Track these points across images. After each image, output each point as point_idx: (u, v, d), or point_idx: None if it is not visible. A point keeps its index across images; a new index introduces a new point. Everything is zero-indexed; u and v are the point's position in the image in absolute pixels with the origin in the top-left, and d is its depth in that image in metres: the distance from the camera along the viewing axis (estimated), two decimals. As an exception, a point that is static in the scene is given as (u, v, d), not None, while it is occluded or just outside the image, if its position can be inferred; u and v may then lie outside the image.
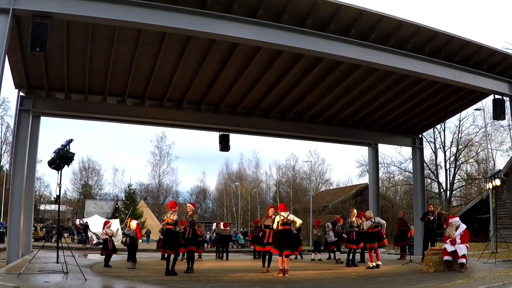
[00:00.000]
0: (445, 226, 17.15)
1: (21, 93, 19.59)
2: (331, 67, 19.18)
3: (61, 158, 13.50)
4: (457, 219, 16.49)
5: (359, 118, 25.42)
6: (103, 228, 18.18)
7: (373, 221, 18.22)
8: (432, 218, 19.24)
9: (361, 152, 72.29)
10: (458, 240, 15.50)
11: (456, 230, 15.73)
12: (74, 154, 13.66)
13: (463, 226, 15.91)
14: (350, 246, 18.67)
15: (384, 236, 18.60)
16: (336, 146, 71.61)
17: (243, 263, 22.45)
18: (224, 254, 25.09)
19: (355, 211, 18.88)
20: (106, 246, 17.74)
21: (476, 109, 41.63)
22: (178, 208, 16.28)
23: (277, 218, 15.19)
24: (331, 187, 77.99)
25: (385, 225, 20.76)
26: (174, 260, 15.04)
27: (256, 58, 17.93)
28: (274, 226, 15.34)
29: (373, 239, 17.86)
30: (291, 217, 15.29)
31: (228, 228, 27.34)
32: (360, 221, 18.37)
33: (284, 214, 15.19)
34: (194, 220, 15.62)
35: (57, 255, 13.92)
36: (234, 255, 26.85)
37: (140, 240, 19.02)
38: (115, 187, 79.39)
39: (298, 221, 15.48)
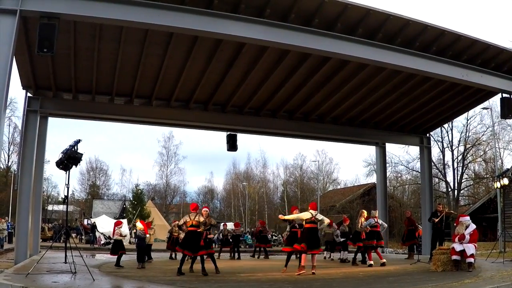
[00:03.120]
0: (455, 224, 17.12)
1: (28, 94, 19.68)
2: (338, 66, 19.17)
3: (69, 159, 13.54)
4: (468, 218, 16.45)
5: (367, 118, 25.39)
6: (114, 228, 18.17)
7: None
8: (437, 220, 19.18)
9: (369, 151, 72.37)
10: (467, 237, 15.46)
11: (465, 229, 15.70)
12: (82, 154, 13.70)
13: (473, 226, 15.88)
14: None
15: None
16: (343, 145, 71.53)
17: (250, 262, 22.43)
18: (236, 254, 25.22)
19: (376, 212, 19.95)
20: (122, 246, 17.84)
21: (484, 108, 41.47)
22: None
23: (306, 215, 15.64)
24: (339, 187, 77.97)
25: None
26: (192, 261, 15.39)
27: (263, 58, 17.94)
28: (291, 217, 16.16)
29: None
30: (320, 216, 15.83)
31: (239, 228, 27.59)
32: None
33: (313, 212, 15.67)
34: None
35: (65, 255, 13.96)
36: (242, 255, 26.81)
37: (148, 235, 18.98)
38: (123, 187, 79.32)
39: (326, 221, 16.12)
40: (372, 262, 18.36)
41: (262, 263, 21.66)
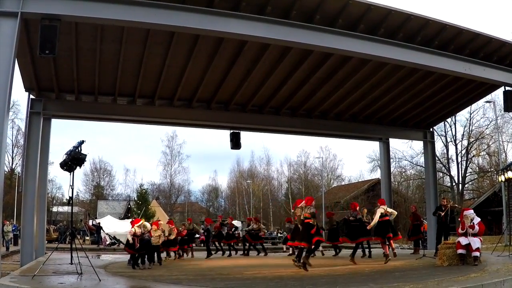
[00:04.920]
0: (459, 219, 17.12)
1: (31, 96, 19.68)
2: (340, 62, 19.16)
3: (73, 160, 13.56)
4: (472, 211, 16.46)
5: (370, 113, 25.35)
6: (132, 227, 17.16)
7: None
8: (443, 213, 19.17)
9: (372, 147, 72.02)
10: (476, 227, 15.47)
11: (471, 222, 15.70)
12: (85, 155, 13.71)
13: (477, 219, 15.88)
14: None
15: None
16: (347, 141, 71.80)
17: (255, 260, 22.42)
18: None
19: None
20: (133, 246, 16.81)
21: (487, 102, 41.46)
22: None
23: (381, 211, 17.82)
24: (343, 183, 78.01)
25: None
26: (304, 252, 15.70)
27: (265, 55, 17.94)
28: (375, 220, 17.95)
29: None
30: (389, 209, 18.41)
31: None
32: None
33: (383, 207, 18.10)
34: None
35: (71, 256, 14.00)
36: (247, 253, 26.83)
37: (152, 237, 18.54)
38: (127, 188, 79.56)
39: (394, 212, 18.73)
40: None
41: (267, 261, 21.67)
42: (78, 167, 13.82)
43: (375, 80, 20.95)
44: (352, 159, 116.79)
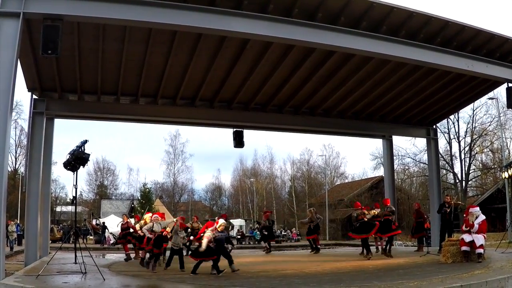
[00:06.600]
0: (464, 215, 17.11)
1: (34, 96, 19.68)
2: (343, 60, 19.12)
3: (77, 159, 13.58)
4: (477, 208, 16.47)
5: (373, 111, 25.30)
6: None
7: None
8: (449, 210, 19.16)
9: (376, 144, 72.22)
10: (476, 226, 15.46)
11: (475, 220, 15.69)
12: (89, 154, 13.74)
13: (482, 217, 15.87)
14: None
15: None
16: (350, 139, 71.58)
17: (260, 258, 22.42)
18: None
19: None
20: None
21: (490, 98, 41.35)
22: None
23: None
24: (346, 181, 78.18)
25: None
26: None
27: (267, 54, 17.91)
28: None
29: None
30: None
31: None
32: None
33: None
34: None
35: (75, 256, 14.02)
36: (251, 251, 26.76)
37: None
38: (131, 187, 79.48)
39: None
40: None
41: (272, 259, 21.65)
42: (81, 167, 13.85)
43: (377, 78, 20.92)
44: (355, 157, 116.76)
